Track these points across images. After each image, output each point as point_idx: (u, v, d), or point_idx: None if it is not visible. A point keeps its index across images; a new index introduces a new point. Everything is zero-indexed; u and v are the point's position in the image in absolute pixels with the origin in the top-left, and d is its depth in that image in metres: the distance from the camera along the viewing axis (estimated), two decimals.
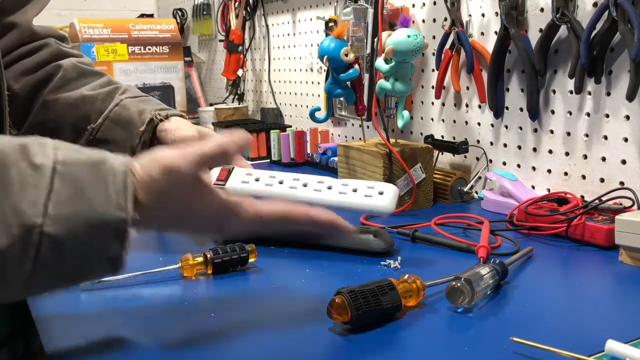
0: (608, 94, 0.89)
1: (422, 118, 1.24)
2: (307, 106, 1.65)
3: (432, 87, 1.17)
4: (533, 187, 1.02)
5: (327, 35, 1.15)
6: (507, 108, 1.05)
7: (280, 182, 0.80)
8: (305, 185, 0.78)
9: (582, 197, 0.93)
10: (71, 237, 0.45)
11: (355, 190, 0.76)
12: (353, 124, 1.46)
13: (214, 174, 0.82)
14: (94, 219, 0.46)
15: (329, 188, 0.77)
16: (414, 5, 1.21)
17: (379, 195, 0.75)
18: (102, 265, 0.48)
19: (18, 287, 0.45)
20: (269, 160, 1.52)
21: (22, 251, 0.43)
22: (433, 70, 1.19)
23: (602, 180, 0.91)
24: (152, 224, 0.52)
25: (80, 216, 0.45)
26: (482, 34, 1.07)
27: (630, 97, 0.82)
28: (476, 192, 1.06)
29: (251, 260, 0.74)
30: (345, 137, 1.50)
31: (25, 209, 0.43)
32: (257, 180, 0.81)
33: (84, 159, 0.48)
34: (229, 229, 0.55)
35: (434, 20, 1.17)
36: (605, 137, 0.90)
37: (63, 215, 0.44)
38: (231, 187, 0.81)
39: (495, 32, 1.03)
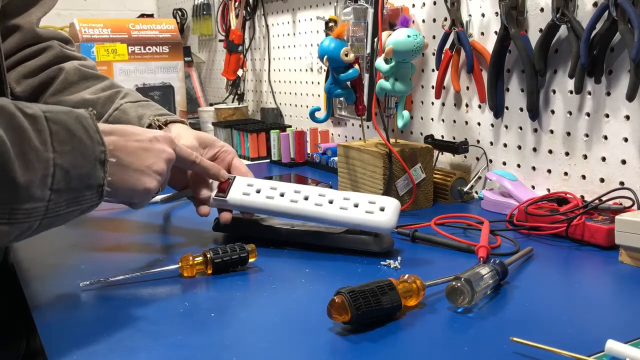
0: (608, 94, 0.89)
1: (422, 118, 1.24)
2: (307, 106, 1.65)
3: (432, 87, 1.17)
4: (533, 187, 1.02)
5: (327, 35, 1.15)
6: (507, 108, 1.05)
7: (282, 195, 0.80)
8: (306, 199, 0.78)
9: (582, 197, 0.93)
10: (74, 167, 0.56)
11: (356, 205, 0.76)
12: (353, 124, 1.46)
13: (215, 184, 0.82)
14: (87, 152, 0.58)
15: (330, 202, 0.77)
16: (414, 5, 1.21)
17: (380, 212, 0.75)
18: (92, 193, 0.59)
19: (40, 215, 0.55)
20: (268, 160, 1.52)
21: (43, 180, 0.54)
22: (433, 70, 1.19)
23: (602, 180, 0.91)
24: (118, 148, 0.63)
25: (77, 151, 0.57)
26: (482, 34, 1.07)
27: (630, 97, 0.82)
28: (476, 192, 1.06)
29: (251, 260, 0.74)
30: (345, 137, 1.50)
31: (39, 147, 0.54)
32: (258, 192, 0.81)
33: (58, 108, 0.58)
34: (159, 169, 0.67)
35: (434, 20, 1.17)
36: (605, 137, 0.90)
37: (66, 150, 0.56)
38: (232, 199, 0.81)
39: (495, 32, 1.03)
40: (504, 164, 1.07)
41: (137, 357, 0.53)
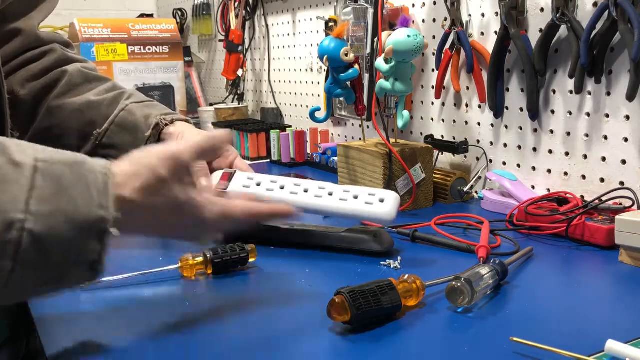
0: (608, 94, 0.89)
1: (422, 118, 1.24)
2: (307, 106, 1.65)
3: (432, 87, 1.17)
4: (533, 187, 1.02)
5: (327, 35, 1.15)
6: (507, 108, 1.05)
7: (282, 187, 0.80)
8: (306, 191, 0.79)
9: (582, 197, 0.93)
10: (53, 235, 0.44)
11: (356, 197, 0.77)
12: (353, 124, 1.46)
13: (216, 178, 0.82)
14: (77, 217, 0.45)
15: (330, 194, 0.78)
16: (414, 5, 1.21)
17: (379, 203, 0.75)
18: (81, 270, 0.47)
19: None
20: (269, 160, 1.52)
21: (1, 248, 0.42)
22: (433, 70, 1.19)
23: (602, 180, 0.91)
24: (132, 225, 0.51)
25: (63, 214, 0.45)
26: (482, 34, 1.07)
27: (630, 97, 0.82)
28: (476, 192, 1.06)
29: (251, 260, 0.74)
30: (345, 137, 1.50)
31: (5, 204, 0.42)
32: (258, 185, 0.81)
33: (65, 158, 0.48)
34: (202, 234, 0.58)
35: (434, 20, 1.17)
36: (605, 137, 0.90)
37: (45, 212, 0.44)
38: (233, 192, 0.81)
39: (495, 32, 1.03)
40: (504, 164, 1.07)
41: (137, 357, 0.53)
